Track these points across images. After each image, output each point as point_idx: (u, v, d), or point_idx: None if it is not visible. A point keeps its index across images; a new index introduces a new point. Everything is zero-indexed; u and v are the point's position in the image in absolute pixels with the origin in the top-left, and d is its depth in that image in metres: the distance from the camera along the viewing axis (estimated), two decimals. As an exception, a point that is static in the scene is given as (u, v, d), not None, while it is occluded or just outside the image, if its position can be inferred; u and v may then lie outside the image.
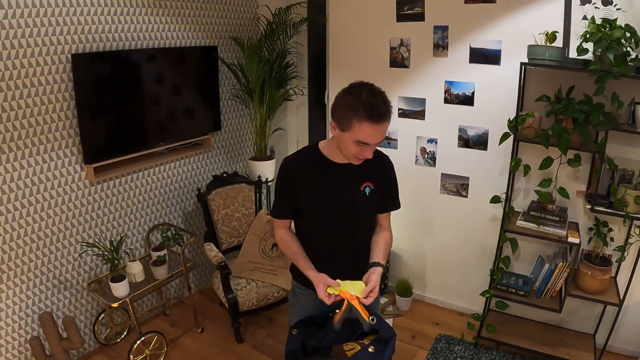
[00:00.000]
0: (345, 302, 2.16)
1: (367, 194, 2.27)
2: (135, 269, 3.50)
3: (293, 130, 5.00)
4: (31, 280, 3.23)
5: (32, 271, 3.23)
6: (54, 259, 3.35)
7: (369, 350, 2.26)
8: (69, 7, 3.08)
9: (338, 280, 2.21)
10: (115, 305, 3.31)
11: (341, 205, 2.26)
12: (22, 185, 3.07)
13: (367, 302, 2.18)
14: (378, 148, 2.23)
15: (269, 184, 4.55)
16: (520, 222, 3.44)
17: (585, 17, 3.07)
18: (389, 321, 4.07)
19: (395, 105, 4.03)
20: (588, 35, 2.87)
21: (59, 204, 3.31)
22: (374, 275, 2.23)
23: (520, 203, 3.71)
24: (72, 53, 3.13)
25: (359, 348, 2.28)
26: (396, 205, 2.46)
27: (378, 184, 2.29)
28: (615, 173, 3.21)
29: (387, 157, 2.40)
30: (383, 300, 4.29)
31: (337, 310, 2.20)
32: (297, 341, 2.36)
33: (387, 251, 2.42)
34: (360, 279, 2.28)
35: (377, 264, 2.30)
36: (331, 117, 2.10)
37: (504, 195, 3.50)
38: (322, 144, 2.29)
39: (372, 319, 2.41)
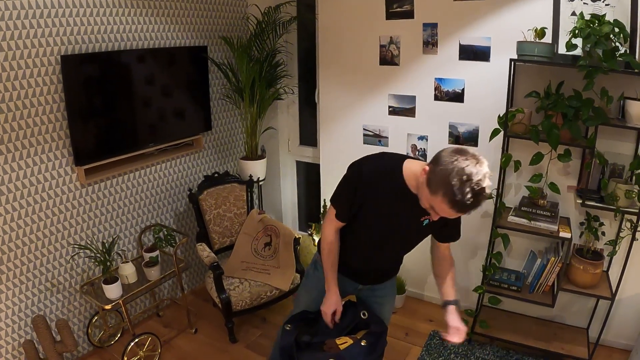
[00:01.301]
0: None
1: (424, 225, 2.24)
2: (128, 271, 3.49)
3: (284, 129, 5.00)
4: (23, 283, 3.21)
5: (24, 274, 3.21)
6: (46, 261, 3.33)
7: (362, 344, 2.28)
8: (57, 8, 3.07)
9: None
10: (108, 307, 3.30)
11: (397, 231, 2.27)
12: (13, 188, 3.05)
13: (459, 340, 2.28)
14: None
15: (260, 183, 4.55)
16: (511, 218, 3.45)
17: (574, 13, 3.09)
18: (383, 318, 4.08)
19: (386, 103, 4.04)
20: (577, 31, 2.88)
21: (50, 206, 3.29)
22: (452, 314, 2.34)
23: (512, 199, 3.73)
24: (61, 54, 3.12)
25: (352, 342, 2.28)
26: (456, 238, 2.43)
27: (440, 218, 2.14)
28: (605, 168, 3.24)
29: None
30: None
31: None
32: (290, 336, 2.37)
33: (454, 283, 2.46)
34: (378, 281, 2.55)
35: (450, 302, 2.38)
36: (429, 164, 1.92)
37: (495, 191, 3.51)
38: (407, 168, 2.12)
39: (364, 314, 2.44)
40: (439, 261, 2.46)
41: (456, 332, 2.27)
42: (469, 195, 1.75)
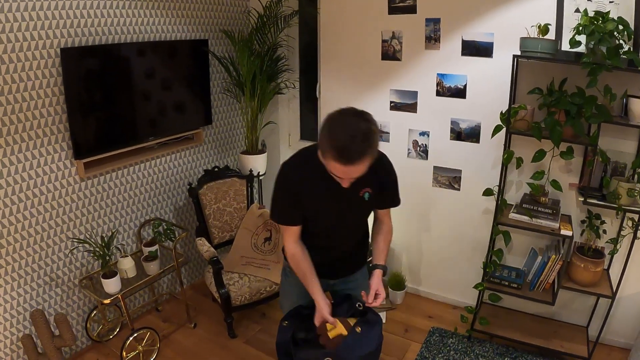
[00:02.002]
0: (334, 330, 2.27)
1: (366, 199, 2.27)
2: (127, 265, 3.48)
3: (284, 124, 4.98)
4: (22, 277, 3.20)
5: (23, 268, 3.20)
6: (44, 255, 3.32)
7: (357, 330, 2.27)
8: (57, 0, 3.04)
9: (336, 319, 2.28)
10: (107, 301, 3.29)
11: (340, 211, 2.29)
12: (12, 181, 3.03)
13: (376, 304, 2.30)
14: None
15: (260, 177, 4.53)
16: (512, 215, 3.44)
17: (577, 10, 3.06)
18: (382, 314, 4.07)
19: (387, 98, 4.02)
20: (581, 28, 2.86)
21: (49, 200, 3.27)
22: (375, 278, 2.34)
23: (513, 196, 3.71)
24: (61, 47, 3.10)
25: (344, 330, 2.27)
26: (396, 202, 2.46)
27: (377, 187, 2.28)
28: (607, 165, 3.22)
29: (384, 156, 2.31)
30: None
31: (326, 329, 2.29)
32: (287, 333, 2.37)
33: (387, 249, 2.49)
34: (347, 273, 2.53)
35: (378, 266, 2.39)
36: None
37: (497, 188, 3.50)
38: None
39: (359, 305, 2.43)
40: (378, 226, 2.53)
41: (375, 295, 2.31)
42: (357, 139, 1.86)
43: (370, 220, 2.52)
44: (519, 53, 3.14)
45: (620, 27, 2.77)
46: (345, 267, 2.56)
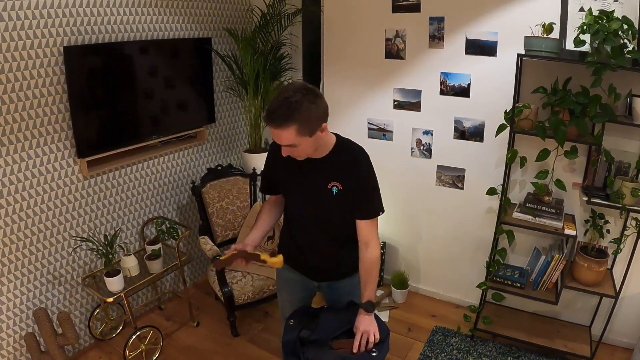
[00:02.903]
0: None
1: (334, 193, 2.25)
2: (130, 263, 3.48)
3: (288, 122, 4.97)
4: (25, 276, 3.21)
5: (26, 267, 3.20)
6: (47, 254, 3.32)
7: (372, 354, 2.27)
8: (60, -1, 3.05)
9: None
10: (110, 300, 3.29)
11: (309, 200, 2.34)
12: (15, 180, 3.04)
13: (368, 347, 2.26)
14: (355, 146, 2.31)
15: (263, 176, 4.53)
16: (516, 214, 3.44)
17: (582, 9, 3.05)
18: (385, 313, 4.07)
19: (391, 96, 4.01)
20: (585, 27, 2.85)
21: (52, 198, 3.28)
22: (359, 320, 2.30)
23: (517, 195, 3.71)
24: (64, 45, 3.09)
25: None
26: (373, 211, 2.32)
27: (347, 185, 2.23)
28: (611, 165, 3.21)
29: (359, 157, 2.28)
30: (379, 292, 4.29)
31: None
32: (294, 332, 2.37)
33: (371, 280, 2.34)
34: (329, 277, 2.51)
35: (360, 305, 2.32)
36: None
37: (500, 187, 3.49)
38: None
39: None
40: (360, 252, 2.37)
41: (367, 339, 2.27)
42: (280, 102, 2.00)
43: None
44: (523, 52, 3.13)
45: (625, 26, 2.76)
46: (328, 271, 2.50)
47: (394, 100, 4.02)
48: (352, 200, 2.27)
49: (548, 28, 3.03)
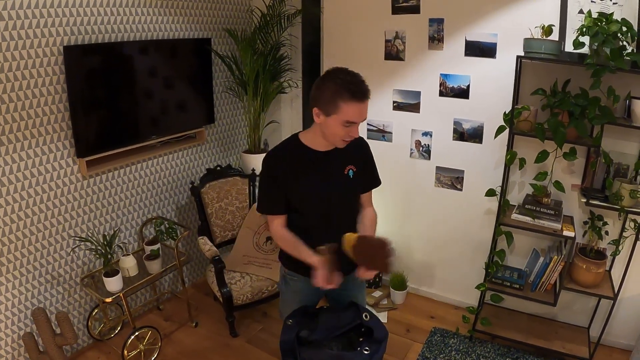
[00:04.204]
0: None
1: (351, 176, 2.35)
2: (129, 264, 3.48)
3: (287, 123, 4.98)
4: (24, 275, 3.20)
5: (25, 266, 3.20)
6: (46, 254, 3.32)
7: (365, 352, 2.27)
8: (60, -2, 3.05)
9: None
10: (108, 300, 3.29)
11: (328, 191, 2.32)
12: (14, 179, 3.03)
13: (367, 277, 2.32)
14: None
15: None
16: (515, 216, 3.44)
17: (581, 11, 3.06)
18: (384, 314, 4.07)
19: (390, 98, 4.02)
20: (584, 29, 2.86)
21: (51, 198, 3.27)
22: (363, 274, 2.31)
23: (516, 196, 3.71)
24: (64, 45, 3.09)
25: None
26: (377, 182, 2.55)
27: (361, 165, 2.38)
28: (610, 167, 3.22)
29: (362, 138, 2.45)
30: (377, 293, 4.29)
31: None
32: (292, 332, 2.37)
33: (373, 228, 2.51)
34: (346, 273, 2.41)
35: None
36: (313, 106, 2.15)
37: (499, 188, 3.50)
38: (302, 135, 2.34)
39: (366, 315, 2.43)
40: (362, 209, 2.55)
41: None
42: (354, 79, 2.09)
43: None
44: (522, 54, 3.14)
45: (624, 28, 2.77)
46: (342, 262, 2.52)
47: (394, 102, 4.02)
48: (363, 177, 2.42)
49: (547, 30, 3.04)
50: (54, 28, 3.04)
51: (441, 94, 3.81)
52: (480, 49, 3.55)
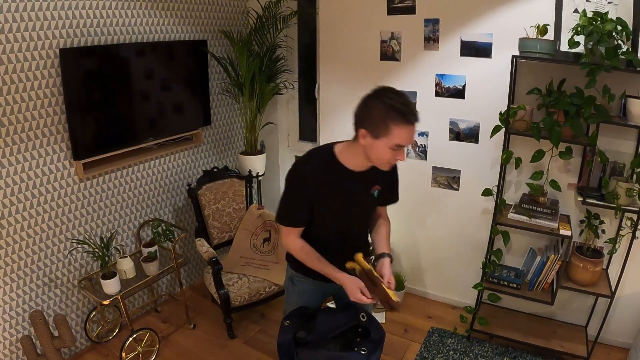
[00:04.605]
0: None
1: (376, 196, 2.33)
2: (126, 266, 3.48)
3: (283, 125, 4.98)
4: (21, 278, 3.20)
5: (22, 269, 3.20)
6: (43, 256, 3.31)
7: (362, 352, 2.28)
8: (56, 1, 3.04)
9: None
10: (106, 302, 3.28)
11: (352, 209, 2.31)
12: (11, 182, 3.03)
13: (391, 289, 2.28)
14: None
15: (259, 178, 4.53)
16: (511, 215, 3.45)
17: (576, 10, 3.07)
18: (382, 315, 4.07)
19: (386, 98, 4.02)
20: (579, 28, 2.87)
21: (48, 200, 3.27)
22: (386, 268, 2.31)
23: (512, 196, 3.72)
24: (60, 48, 3.09)
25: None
26: (396, 199, 2.54)
27: (385, 185, 2.35)
28: (606, 166, 3.23)
29: None
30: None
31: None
32: (289, 333, 2.37)
33: (389, 238, 2.52)
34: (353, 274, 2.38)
35: (385, 255, 2.38)
36: (360, 127, 2.07)
37: (496, 188, 3.51)
38: (338, 151, 2.24)
39: (363, 316, 2.43)
40: (375, 221, 2.55)
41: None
42: (406, 102, 1.97)
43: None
44: (517, 53, 3.15)
45: (619, 27, 2.79)
46: (346, 259, 2.53)
47: (390, 102, 4.02)
48: (386, 194, 2.41)
49: (542, 29, 3.05)
50: (49, 31, 3.04)
51: (437, 94, 3.81)
52: (476, 49, 3.56)
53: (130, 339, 3.41)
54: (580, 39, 2.92)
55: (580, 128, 3.02)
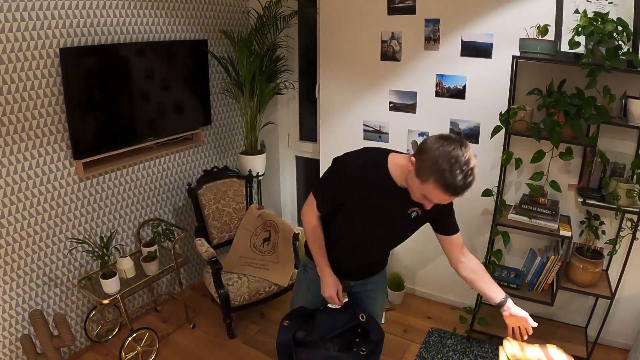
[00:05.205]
0: None
1: (412, 217, 2.23)
2: (126, 265, 3.48)
3: (284, 124, 4.98)
4: (21, 277, 3.20)
5: (22, 268, 3.20)
6: (43, 255, 3.31)
7: (361, 353, 2.28)
8: (56, 0, 3.04)
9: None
10: (106, 301, 3.28)
11: (383, 224, 2.25)
12: (11, 181, 3.03)
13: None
14: None
15: (259, 178, 4.53)
16: (512, 216, 3.44)
17: (577, 11, 3.06)
18: (381, 315, 4.07)
19: (386, 98, 4.02)
20: (580, 29, 2.86)
21: (48, 200, 3.27)
22: (519, 310, 2.46)
23: (512, 196, 3.71)
24: (60, 47, 3.09)
25: None
26: (454, 230, 2.38)
27: (427, 210, 2.16)
28: (606, 166, 3.22)
29: None
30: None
31: None
32: (288, 333, 2.37)
33: (490, 278, 2.48)
34: (368, 275, 2.54)
35: (507, 300, 2.45)
36: (414, 154, 1.96)
37: (496, 188, 3.50)
38: (391, 162, 2.13)
39: (362, 316, 2.43)
40: (469, 260, 2.43)
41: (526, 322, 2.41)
42: (459, 177, 1.81)
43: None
44: (518, 54, 3.14)
45: (620, 28, 2.78)
46: (368, 271, 2.56)
47: (390, 102, 4.02)
48: (438, 220, 2.32)
49: (543, 30, 3.04)
50: (50, 30, 3.04)
51: (437, 94, 3.81)
52: (476, 49, 3.56)
53: (130, 339, 3.41)
54: (581, 39, 2.92)
55: (581, 129, 3.01)
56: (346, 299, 2.56)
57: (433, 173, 1.85)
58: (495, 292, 2.39)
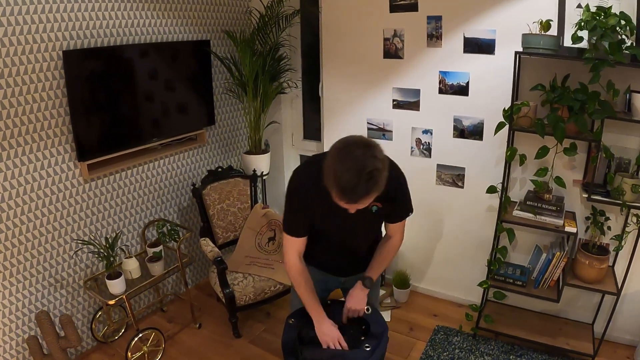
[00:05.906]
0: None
1: (374, 211, 2.27)
2: (132, 266, 3.49)
3: (287, 124, 4.98)
4: (27, 279, 3.21)
5: (28, 270, 3.21)
6: (49, 257, 3.33)
7: (366, 349, 2.29)
8: (59, 3, 3.05)
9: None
10: (112, 302, 3.29)
11: (350, 222, 2.25)
12: (16, 184, 3.04)
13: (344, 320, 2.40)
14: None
15: (264, 177, 4.53)
16: (516, 212, 3.43)
17: (579, 5, 3.05)
18: (387, 313, 4.07)
19: (390, 96, 4.02)
20: (583, 23, 2.86)
21: (53, 202, 3.28)
22: (353, 291, 2.44)
23: (517, 193, 3.70)
24: (63, 50, 3.10)
25: None
26: (408, 213, 2.46)
27: (386, 202, 2.24)
28: (611, 162, 3.21)
29: (393, 169, 2.15)
30: (381, 292, 4.28)
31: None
32: (293, 331, 2.38)
33: (384, 264, 2.50)
34: (359, 271, 2.51)
35: (363, 277, 2.45)
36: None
37: (500, 185, 3.49)
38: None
39: (368, 309, 2.44)
40: (383, 239, 2.54)
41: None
42: (362, 178, 1.81)
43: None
44: (521, 49, 3.13)
45: (623, 22, 2.77)
46: (357, 267, 2.56)
47: (393, 100, 4.02)
48: (391, 209, 2.35)
49: (546, 25, 3.03)
50: (53, 33, 3.05)
51: (440, 91, 3.80)
52: (479, 46, 3.54)
53: (136, 339, 3.42)
54: (584, 34, 2.90)
55: (585, 124, 3.00)
56: (342, 298, 2.58)
57: (332, 180, 1.88)
58: (369, 269, 2.47)
